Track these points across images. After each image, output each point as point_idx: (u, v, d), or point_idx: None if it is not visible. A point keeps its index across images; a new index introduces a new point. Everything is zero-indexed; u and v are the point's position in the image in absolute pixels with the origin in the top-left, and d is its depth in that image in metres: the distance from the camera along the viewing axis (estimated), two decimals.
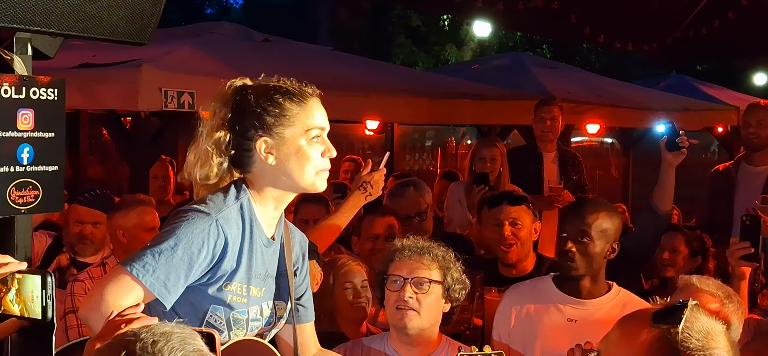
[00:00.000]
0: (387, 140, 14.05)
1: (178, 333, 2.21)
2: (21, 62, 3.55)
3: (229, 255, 3.09)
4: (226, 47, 9.79)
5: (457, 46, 28.86)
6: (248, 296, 3.20)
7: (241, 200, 3.17)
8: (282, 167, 3.19)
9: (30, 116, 3.54)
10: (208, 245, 3.03)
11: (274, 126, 3.17)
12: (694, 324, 2.50)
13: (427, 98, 10.47)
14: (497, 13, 10.86)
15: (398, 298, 4.01)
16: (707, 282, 3.94)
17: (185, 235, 2.99)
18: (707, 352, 2.46)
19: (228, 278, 3.13)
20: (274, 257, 3.35)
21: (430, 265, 4.06)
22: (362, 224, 5.90)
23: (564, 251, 4.41)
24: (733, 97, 16.20)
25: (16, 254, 3.63)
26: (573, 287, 4.46)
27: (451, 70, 16.44)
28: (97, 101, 7.96)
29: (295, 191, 3.31)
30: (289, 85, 3.27)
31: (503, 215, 5.47)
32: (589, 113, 12.02)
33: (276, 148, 3.18)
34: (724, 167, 7.26)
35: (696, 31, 10.79)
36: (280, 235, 3.38)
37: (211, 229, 3.03)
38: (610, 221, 4.44)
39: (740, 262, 4.63)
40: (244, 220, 3.17)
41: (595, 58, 28.21)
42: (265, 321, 3.31)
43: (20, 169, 3.53)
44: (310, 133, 3.20)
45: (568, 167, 7.86)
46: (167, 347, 2.15)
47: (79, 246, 6.01)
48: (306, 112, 3.21)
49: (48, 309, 2.88)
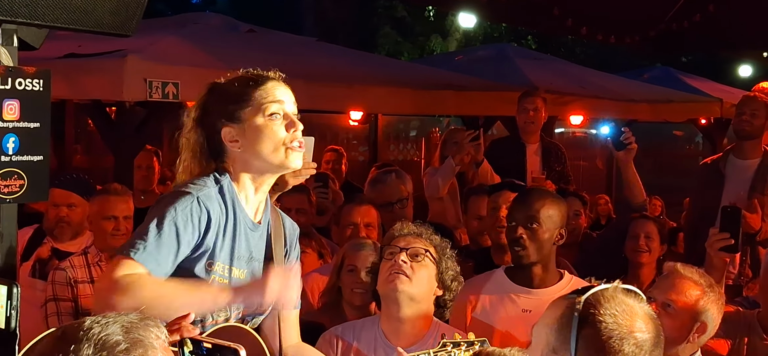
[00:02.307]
0: (371, 131, 14.06)
1: (124, 322, 2.19)
2: (6, 53, 3.57)
3: (211, 231, 3.17)
4: (211, 38, 9.80)
5: (442, 37, 28.82)
6: (230, 277, 3.26)
7: (221, 182, 3.26)
8: (249, 149, 3.26)
9: (15, 107, 3.56)
10: (193, 221, 3.11)
11: (235, 112, 3.26)
12: (611, 301, 2.57)
13: (411, 88, 10.49)
14: (481, 5, 10.91)
15: (392, 264, 4.05)
16: (691, 270, 4.01)
17: (169, 213, 3.08)
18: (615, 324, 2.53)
19: (210, 256, 3.19)
20: (261, 241, 3.41)
21: (426, 244, 4.13)
22: (341, 213, 5.94)
23: (515, 238, 4.49)
24: (717, 89, 16.22)
25: (2, 243, 3.66)
26: (525, 276, 4.54)
27: (435, 61, 16.42)
28: (83, 91, 7.97)
29: (271, 172, 3.37)
30: (248, 72, 3.36)
31: (502, 199, 5.55)
32: (572, 104, 12.06)
33: (240, 133, 3.26)
34: (712, 160, 7.28)
35: (678, 24, 10.83)
36: (268, 220, 3.44)
37: (194, 205, 3.12)
38: (557, 208, 4.56)
39: (719, 253, 4.67)
40: (226, 201, 3.24)
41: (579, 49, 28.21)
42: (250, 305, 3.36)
43: (5, 159, 3.55)
44: (267, 108, 3.25)
45: (551, 158, 7.90)
46: (102, 333, 2.13)
47: (57, 230, 6.04)
48: (262, 90, 3.28)
49: (11, 320, 2.85)
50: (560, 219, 4.55)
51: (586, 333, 2.52)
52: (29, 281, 5.72)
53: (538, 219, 4.46)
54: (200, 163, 3.33)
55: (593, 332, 2.52)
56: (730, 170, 6.92)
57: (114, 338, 2.13)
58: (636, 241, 6.19)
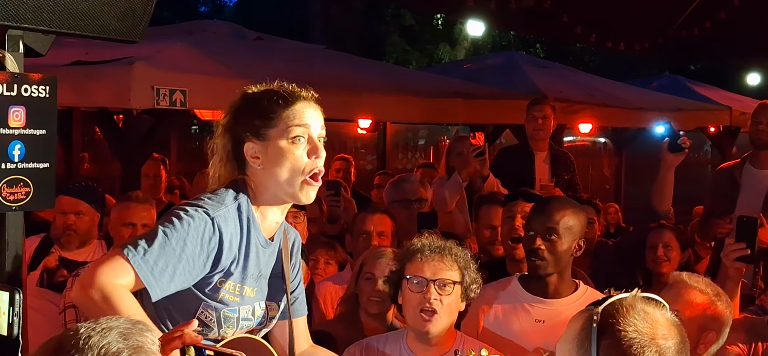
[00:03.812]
0: (380, 139, 14.04)
1: (121, 328, 2.18)
2: (12, 59, 3.55)
3: (225, 253, 3.10)
4: (219, 45, 9.78)
5: (450, 45, 28.85)
6: (242, 296, 3.22)
7: (240, 200, 3.19)
8: (268, 169, 3.20)
9: (21, 113, 3.53)
10: (203, 242, 3.03)
11: (260, 128, 3.19)
12: (631, 310, 2.52)
13: (419, 96, 10.48)
14: (489, 13, 10.87)
15: (422, 300, 3.98)
16: (697, 278, 3.97)
17: (180, 227, 3.00)
18: (636, 332, 2.48)
19: (224, 276, 3.14)
20: (271, 258, 3.36)
21: (451, 266, 4.05)
22: (355, 221, 5.92)
23: (533, 249, 4.43)
24: (725, 97, 16.20)
25: (8, 251, 3.63)
26: (540, 286, 4.48)
27: (444, 70, 16.43)
28: (90, 98, 7.95)
29: (284, 202, 3.30)
30: (281, 88, 3.27)
31: (517, 209, 5.51)
32: (581, 112, 12.04)
33: (262, 151, 3.19)
34: (728, 166, 7.20)
35: (688, 32, 10.80)
36: (280, 237, 3.39)
37: (207, 226, 3.05)
38: (576, 219, 4.47)
39: (735, 263, 4.63)
40: (242, 220, 3.18)
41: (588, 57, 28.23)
42: (256, 320, 3.34)
43: (11, 166, 3.53)
44: (291, 131, 3.17)
45: (559, 166, 7.86)
46: (102, 342, 2.11)
47: (64, 238, 5.99)
48: (290, 111, 3.19)
49: (14, 326, 2.83)
50: (579, 230, 4.48)
51: (607, 344, 2.47)
52: (38, 291, 5.67)
53: (557, 230, 4.39)
54: (228, 169, 3.28)
55: (613, 342, 2.46)
56: (746, 179, 6.83)
57: (115, 346, 2.12)
58: (655, 252, 6.16)
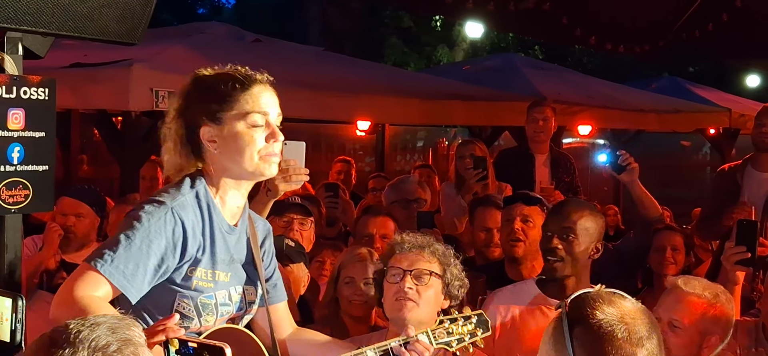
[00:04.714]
0: (378, 141, 14.03)
1: (109, 323, 2.20)
2: (11, 62, 3.54)
3: (190, 241, 3.14)
4: (217, 47, 9.75)
5: (449, 47, 28.87)
6: (215, 281, 3.25)
7: (197, 188, 3.22)
8: (225, 153, 3.22)
9: (20, 116, 3.53)
10: (166, 233, 3.07)
11: (217, 112, 3.20)
12: (597, 298, 2.57)
13: (418, 98, 10.46)
14: (488, 14, 10.86)
15: (398, 290, 3.95)
16: (693, 283, 3.97)
17: (141, 225, 3.04)
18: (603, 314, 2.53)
19: (192, 264, 3.17)
20: (239, 244, 3.38)
21: (430, 259, 4.01)
22: (357, 224, 5.91)
23: (550, 248, 4.43)
24: (724, 98, 16.19)
25: (6, 253, 3.62)
26: (557, 289, 4.46)
27: (442, 71, 16.43)
28: (88, 100, 7.94)
29: (246, 179, 3.32)
30: (236, 71, 3.28)
31: (516, 211, 5.49)
32: (580, 114, 12.03)
33: (219, 135, 3.21)
34: (729, 168, 7.18)
35: (689, 34, 10.79)
36: (245, 224, 3.42)
37: (167, 216, 3.09)
38: (594, 221, 4.48)
39: (736, 266, 4.61)
40: (201, 207, 3.21)
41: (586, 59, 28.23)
42: (235, 306, 3.36)
43: (10, 168, 3.52)
44: (250, 117, 3.19)
45: (560, 168, 7.83)
46: (92, 336, 2.14)
47: (63, 240, 5.98)
48: (248, 96, 3.21)
49: (17, 333, 2.84)
50: (597, 233, 4.48)
51: (579, 331, 2.51)
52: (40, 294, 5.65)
53: (575, 231, 4.39)
54: (182, 155, 3.27)
55: (585, 328, 2.51)
56: (747, 182, 6.81)
57: (104, 339, 2.15)
58: (662, 253, 6.14)
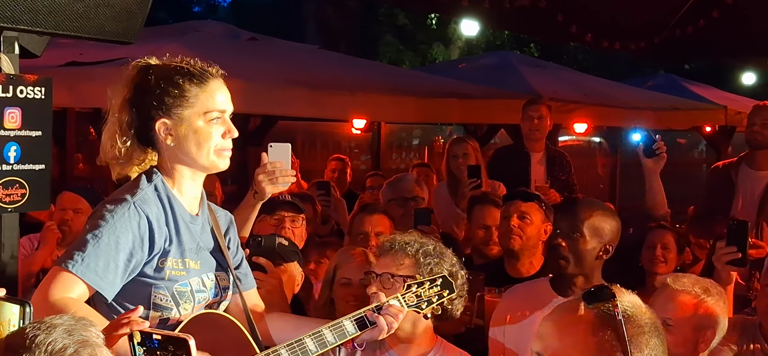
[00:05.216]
0: (374, 139, 14.02)
1: (65, 325, 2.23)
2: (8, 61, 3.54)
3: (157, 232, 3.18)
4: (213, 46, 9.73)
5: (444, 45, 28.80)
6: (187, 269, 3.29)
7: (154, 181, 3.27)
8: (181, 147, 3.26)
9: (17, 115, 3.53)
10: (132, 228, 3.11)
11: (173, 107, 3.25)
12: (623, 298, 2.62)
13: (414, 96, 10.47)
14: (484, 12, 10.85)
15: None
16: (682, 280, 3.97)
17: (106, 223, 3.09)
18: (639, 318, 2.60)
19: (162, 255, 3.21)
20: (204, 232, 3.43)
21: (401, 260, 3.83)
22: (353, 223, 5.90)
23: (554, 245, 4.42)
24: (720, 96, 16.21)
25: (3, 252, 3.63)
26: (567, 287, 4.44)
27: (438, 69, 16.42)
28: (84, 99, 7.94)
29: (200, 171, 3.36)
30: (191, 66, 3.36)
31: (513, 208, 5.50)
32: (576, 112, 12.03)
33: (175, 129, 3.25)
34: (724, 165, 7.20)
35: (683, 31, 10.79)
36: (206, 213, 3.46)
37: (130, 211, 3.13)
38: (605, 222, 4.44)
39: (727, 267, 4.62)
40: (162, 199, 3.26)
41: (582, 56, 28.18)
42: (210, 292, 3.39)
43: (7, 168, 3.53)
44: (209, 114, 3.26)
45: (555, 167, 7.83)
46: (48, 340, 2.17)
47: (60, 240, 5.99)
48: (206, 93, 3.28)
49: None
50: (610, 234, 4.43)
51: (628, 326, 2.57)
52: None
53: (581, 230, 4.37)
54: (130, 145, 3.30)
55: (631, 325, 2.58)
56: (742, 180, 6.84)
57: (60, 342, 2.18)
58: (653, 252, 6.14)
